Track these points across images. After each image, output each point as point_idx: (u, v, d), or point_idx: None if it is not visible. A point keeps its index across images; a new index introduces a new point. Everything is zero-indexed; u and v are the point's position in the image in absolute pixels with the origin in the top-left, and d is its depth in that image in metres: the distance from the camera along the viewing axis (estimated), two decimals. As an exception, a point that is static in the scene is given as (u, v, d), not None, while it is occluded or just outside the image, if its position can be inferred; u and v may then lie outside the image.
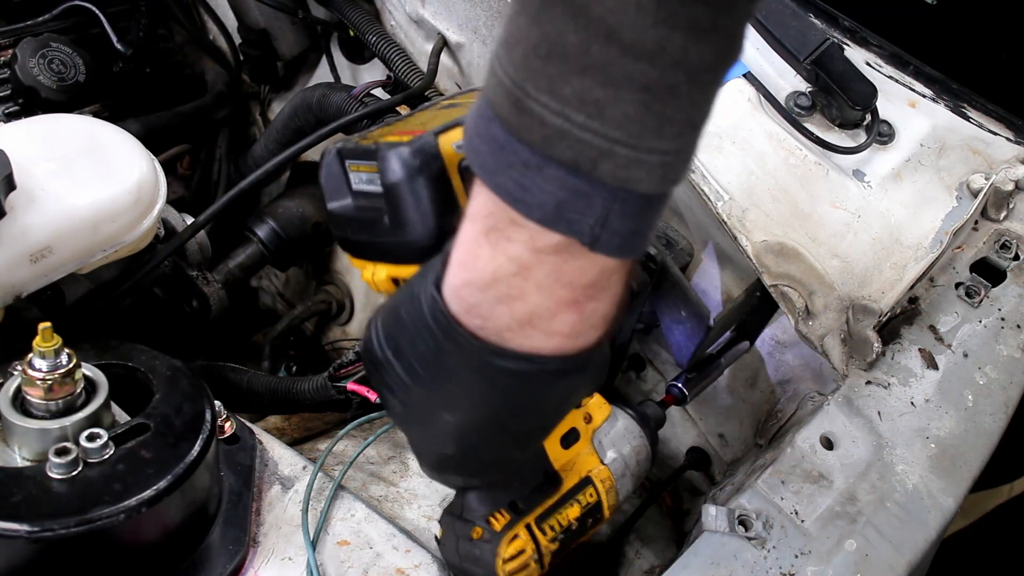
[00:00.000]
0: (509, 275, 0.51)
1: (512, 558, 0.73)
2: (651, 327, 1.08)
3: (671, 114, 0.46)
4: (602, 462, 0.81)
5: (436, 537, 0.76)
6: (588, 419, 0.83)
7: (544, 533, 0.75)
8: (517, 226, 0.49)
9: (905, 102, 1.19)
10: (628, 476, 0.83)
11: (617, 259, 0.51)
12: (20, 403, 0.68)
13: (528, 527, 0.74)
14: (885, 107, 1.16)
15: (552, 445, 0.78)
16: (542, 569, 0.75)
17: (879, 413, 0.96)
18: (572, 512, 0.77)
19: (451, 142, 0.67)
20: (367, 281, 0.71)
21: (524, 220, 0.49)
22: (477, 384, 0.57)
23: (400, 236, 0.66)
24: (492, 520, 0.72)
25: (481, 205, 0.51)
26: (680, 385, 0.92)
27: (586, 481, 0.79)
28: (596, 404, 0.85)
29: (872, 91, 1.13)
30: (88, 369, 0.71)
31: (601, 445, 0.82)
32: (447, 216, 0.65)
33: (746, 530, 0.84)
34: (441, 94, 1.33)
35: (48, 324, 0.66)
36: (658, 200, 0.50)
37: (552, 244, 0.49)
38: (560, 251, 0.50)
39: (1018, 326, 1.07)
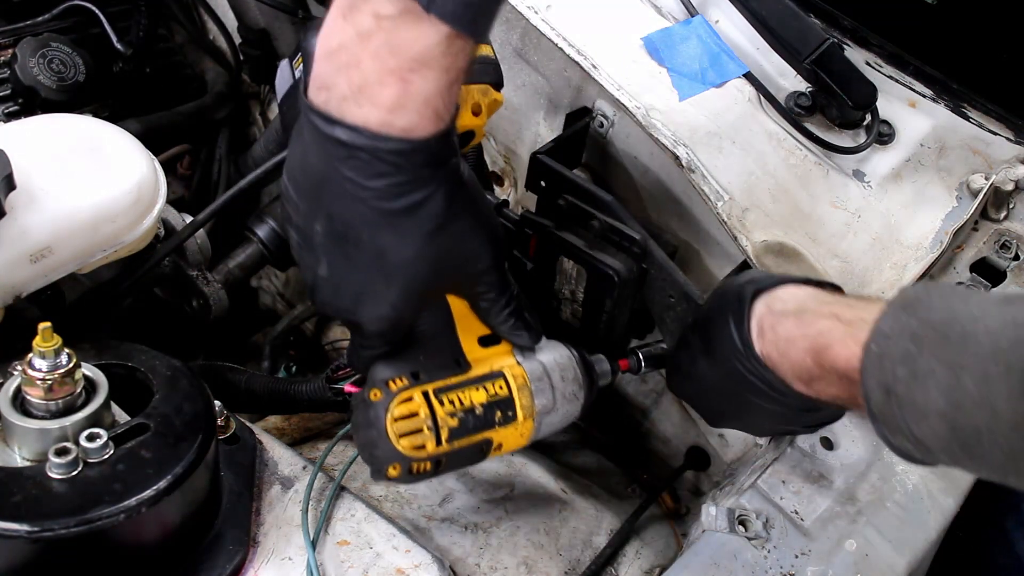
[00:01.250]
0: (352, 42, 0.58)
1: (403, 418, 0.72)
2: (645, 331, 1.08)
3: None
4: (519, 364, 0.80)
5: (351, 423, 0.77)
6: None
7: (442, 404, 0.74)
8: (367, 1, 0.57)
9: (905, 102, 1.19)
10: (547, 386, 0.80)
11: (448, 29, 0.57)
12: (20, 403, 0.68)
13: (425, 394, 0.74)
14: (885, 107, 1.16)
15: (468, 341, 0.78)
16: (438, 443, 0.73)
17: (879, 413, 0.96)
18: (476, 396, 0.76)
19: None
20: None
21: None
22: (323, 172, 0.62)
23: None
24: (390, 383, 0.73)
25: None
26: (641, 354, 0.91)
27: (497, 374, 0.78)
28: None
29: (872, 91, 1.13)
30: (88, 369, 0.71)
31: (522, 353, 0.81)
32: None
33: (746, 530, 0.84)
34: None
35: (48, 324, 0.66)
36: None
37: (393, 11, 0.57)
38: (397, 18, 0.57)
39: (1018, 326, 1.07)
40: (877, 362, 0.63)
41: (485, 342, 0.80)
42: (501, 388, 0.77)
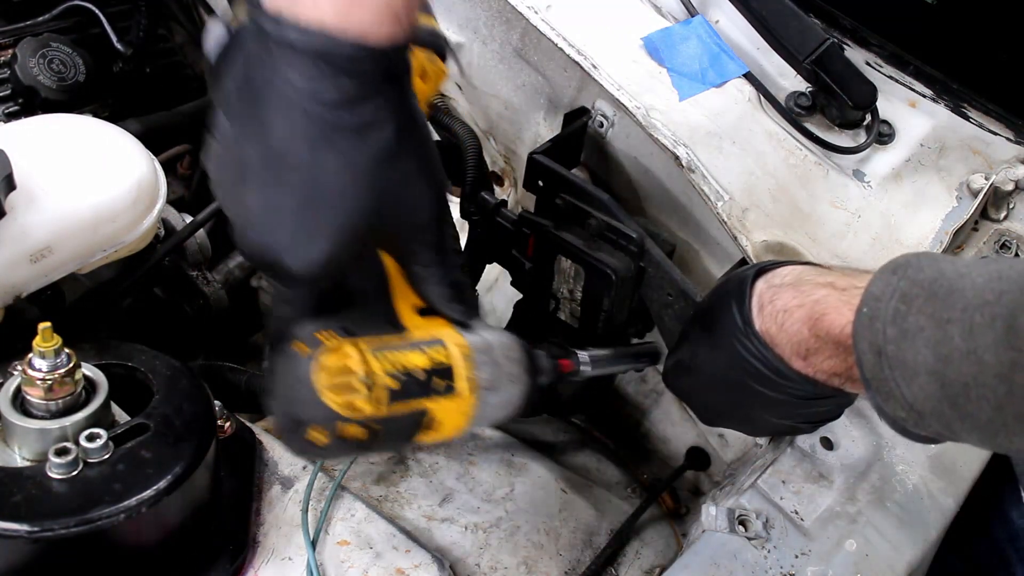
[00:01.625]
0: None
1: (334, 371, 0.63)
2: (644, 330, 1.08)
3: None
4: (460, 334, 0.71)
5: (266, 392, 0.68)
6: None
7: (379, 361, 0.65)
8: None
9: (905, 102, 1.19)
10: (490, 360, 0.72)
11: None
12: (20, 403, 0.68)
13: (360, 350, 0.65)
14: (885, 107, 1.16)
15: (404, 309, 0.71)
16: (373, 405, 0.64)
17: (879, 413, 0.96)
18: (416, 359, 0.67)
19: None
20: None
21: None
22: (267, 83, 0.58)
23: None
24: (318, 335, 0.64)
25: None
26: (585, 356, 0.85)
27: (437, 340, 0.69)
28: None
29: (872, 91, 1.13)
30: (88, 369, 0.71)
31: (462, 327, 0.73)
32: None
33: (746, 530, 0.84)
34: (441, 94, 1.33)
35: (48, 324, 0.66)
36: None
37: None
38: None
39: (1018, 326, 1.07)
40: (868, 324, 0.63)
41: (422, 314, 0.72)
42: (442, 355, 0.69)
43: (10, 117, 1.18)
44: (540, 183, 1.02)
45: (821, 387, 0.73)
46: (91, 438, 0.66)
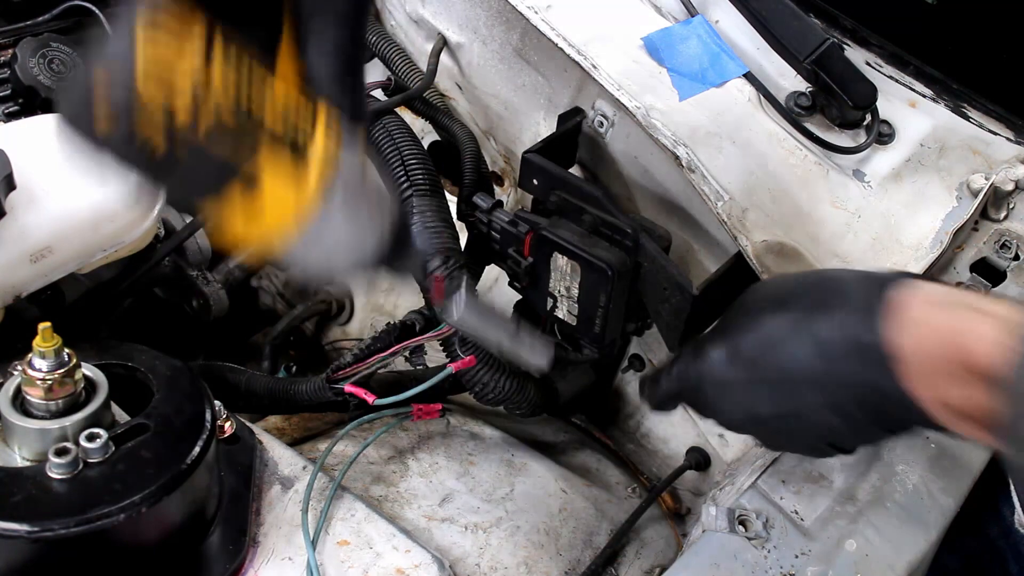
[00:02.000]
0: None
1: (165, 35, 0.47)
2: (644, 328, 1.08)
3: None
4: (339, 136, 0.56)
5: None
6: None
7: (228, 71, 0.49)
8: None
9: (905, 102, 1.19)
10: (357, 180, 0.57)
11: None
12: (20, 403, 0.68)
13: (213, 43, 0.49)
14: (885, 107, 1.16)
15: (285, 77, 0.54)
16: (188, 114, 0.49)
17: (879, 413, 0.96)
18: (277, 97, 0.52)
19: None
20: None
21: None
22: None
23: None
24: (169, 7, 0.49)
25: None
26: (462, 298, 0.76)
27: (310, 119, 0.54)
28: None
29: (872, 91, 1.12)
30: (88, 369, 0.71)
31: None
32: None
33: (746, 530, 0.84)
34: (441, 94, 1.33)
35: (48, 324, 0.66)
36: None
37: None
38: None
39: (1018, 326, 1.07)
40: (1021, 366, 0.55)
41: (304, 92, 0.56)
42: (307, 126, 0.53)
43: (10, 117, 1.18)
44: (535, 181, 1.02)
45: (921, 416, 0.65)
46: (91, 438, 0.66)
